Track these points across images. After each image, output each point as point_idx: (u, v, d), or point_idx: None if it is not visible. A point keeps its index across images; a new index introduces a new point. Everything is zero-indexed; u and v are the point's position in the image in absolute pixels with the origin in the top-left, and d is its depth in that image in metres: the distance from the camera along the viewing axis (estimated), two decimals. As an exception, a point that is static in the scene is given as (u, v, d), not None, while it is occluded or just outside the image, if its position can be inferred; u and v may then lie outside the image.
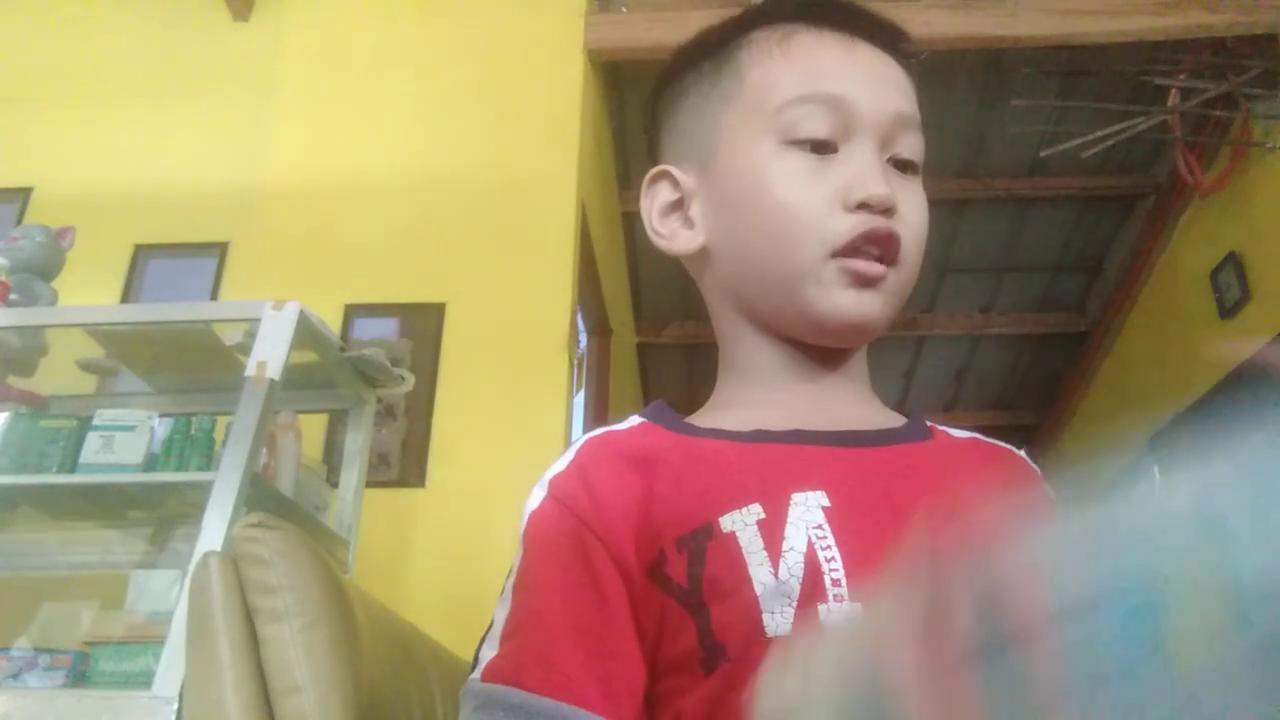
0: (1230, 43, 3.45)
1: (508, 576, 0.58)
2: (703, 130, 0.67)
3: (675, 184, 0.68)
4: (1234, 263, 3.75)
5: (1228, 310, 3.79)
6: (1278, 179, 3.53)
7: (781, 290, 0.62)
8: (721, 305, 0.68)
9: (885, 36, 0.66)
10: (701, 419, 0.64)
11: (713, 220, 0.66)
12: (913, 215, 0.63)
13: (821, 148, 0.61)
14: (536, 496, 0.59)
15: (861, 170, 0.60)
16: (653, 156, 0.72)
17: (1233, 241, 3.77)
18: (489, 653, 0.54)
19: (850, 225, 0.60)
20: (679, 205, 0.68)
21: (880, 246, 0.60)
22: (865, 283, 0.60)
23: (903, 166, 0.63)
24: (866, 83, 0.63)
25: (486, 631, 0.56)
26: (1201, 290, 3.98)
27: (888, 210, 0.60)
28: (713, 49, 0.68)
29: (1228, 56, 3.48)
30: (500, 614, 0.56)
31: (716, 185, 0.66)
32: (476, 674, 0.54)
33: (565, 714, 0.50)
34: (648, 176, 0.70)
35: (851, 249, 0.60)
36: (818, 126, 0.61)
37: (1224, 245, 3.82)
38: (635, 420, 0.64)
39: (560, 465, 0.60)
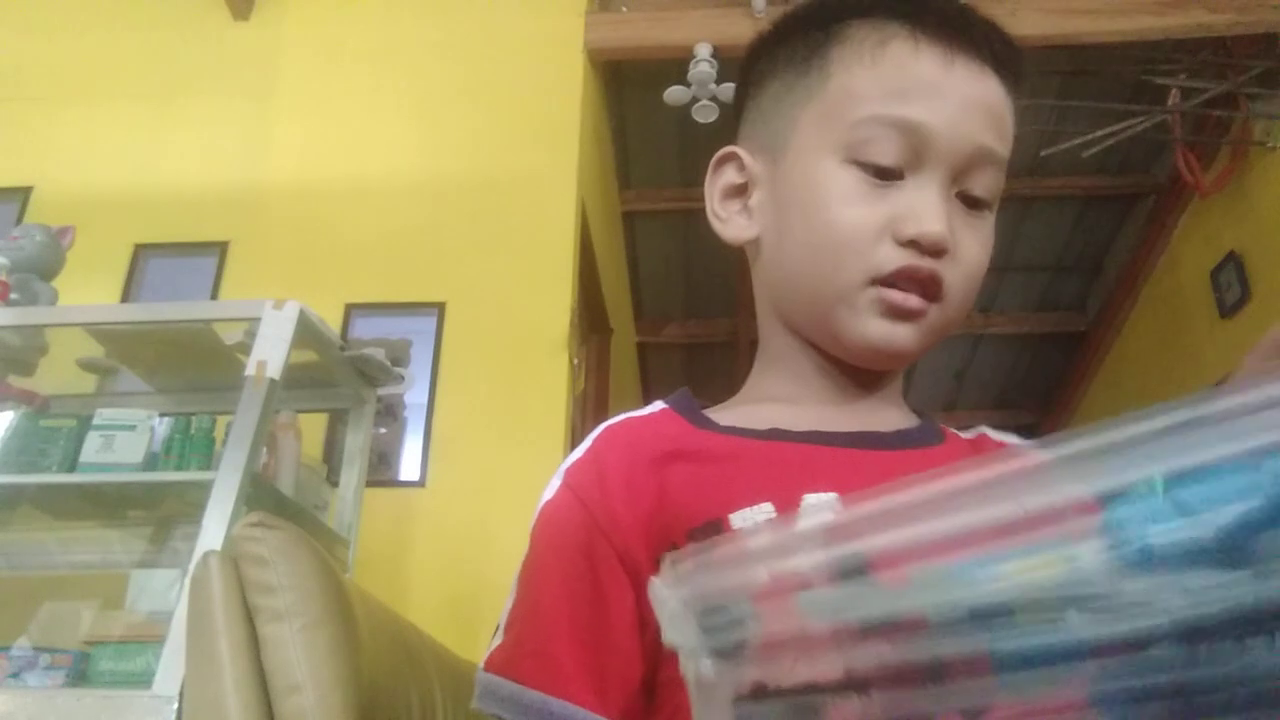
0: (1230, 43, 3.45)
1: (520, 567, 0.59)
2: (780, 121, 0.63)
3: (742, 167, 0.66)
4: (1234, 262, 3.74)
5: (1228, 310, 3.79)
6: (1278, 179, 3.53)
7: (817, 306, 0.61)
8: (763, 301, 0.67)
9: (994, 53, 0.61)
10: (722, 415, 0.64)
11: (768, 216, 0.64)
12: (969, 256, 0.60)
13: (886, 174, 0.59)
14: (553, 486, 0.59)
15: (919, 205, 0.58)
16: (736, 122, 0.69)
17: (1233, 241, 3.77)
18: (494, 642, 0.55)
19: (894, 258, 0.58)
20: (742, 190, 0.66)
21: (920, 286, 0.58)
22: (900, 315, 0.59)
23: (973, 203, 0.60)
24: (953, 110, 0.58)
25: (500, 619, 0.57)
26: (1201, 290, 3.98)
27: (939, 251, 0.58)
28: (810, 28, 0.64)
29: (1228, 56, 3.49)
30: (507, 604, 0.56)
31: (779, 182, 0.63)
32: (482, 662, 0.55)
33: (551, 707, 0.50)
34: (716, 155, 0.67)
35: (890, 281, 0.58)
36: (886, 151, 0.58)
37: (1224, 245, 3.82)
38: (658, 406, 0.63)
39: (577, 454, 0.60)
